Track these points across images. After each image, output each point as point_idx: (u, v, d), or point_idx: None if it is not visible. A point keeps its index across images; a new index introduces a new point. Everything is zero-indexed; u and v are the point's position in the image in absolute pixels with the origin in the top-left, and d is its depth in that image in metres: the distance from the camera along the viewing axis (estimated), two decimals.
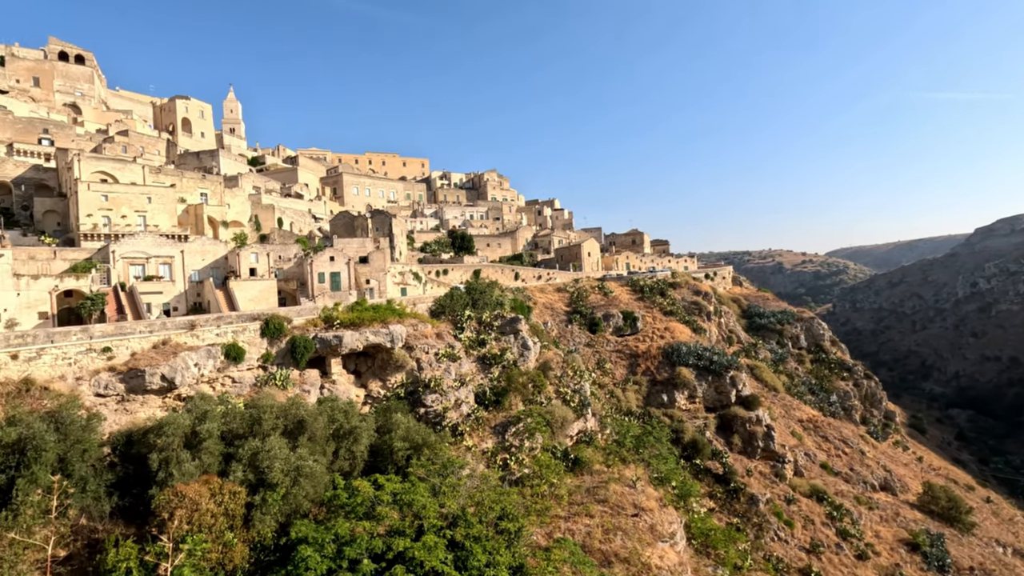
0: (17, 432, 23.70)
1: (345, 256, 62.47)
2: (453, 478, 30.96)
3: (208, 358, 36.57)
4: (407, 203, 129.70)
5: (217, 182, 75.12)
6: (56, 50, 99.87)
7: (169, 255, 54.96)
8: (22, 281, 45.79)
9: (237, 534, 24.20)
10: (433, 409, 42.96)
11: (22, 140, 72.80)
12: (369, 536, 24.45)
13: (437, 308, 54.90)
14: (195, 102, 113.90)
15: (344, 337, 42.52)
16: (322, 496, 28.03)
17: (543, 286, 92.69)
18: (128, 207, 60.92)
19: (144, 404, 33.28)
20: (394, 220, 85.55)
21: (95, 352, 33.36)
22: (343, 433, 32.30)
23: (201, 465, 26.32)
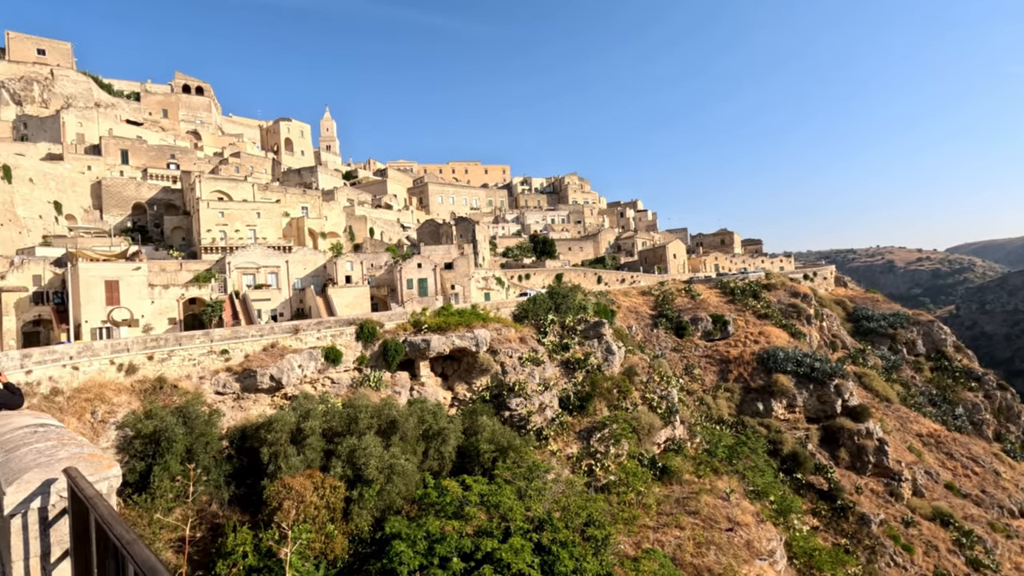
0: (153, 425, 26.72)
1: (431, 263, 64.73)
2: (539, 482, 31.05)
3: (310, 360, 39.25)
4: (489, 209, 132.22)
5: (316, 196, 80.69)
6: (180, 84, 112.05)
7: (276, 265, 59.67)
8: (155, 291, 51.64)
9: (337, 526, 25.73)
10: (517, 413, 43.34)
11: (154, 165, 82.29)
12: (458, 535, 25.08)
13: (520, 312, 55.40)
14: (296, 123, 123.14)
15: (432, 341, 44.02)
16: (413, 494, 29.14)
17: (627, 289, 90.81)
18: (240, 222, 66.93)
19: (256, 402, 36.31)
20: (477, 226, 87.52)
21: (215, 354, 36.88)
22: (432, 434, 33.41)
23: (305, 460, 28.27)
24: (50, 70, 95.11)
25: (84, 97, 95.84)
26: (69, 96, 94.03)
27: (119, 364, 33.01)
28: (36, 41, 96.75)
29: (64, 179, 71.31)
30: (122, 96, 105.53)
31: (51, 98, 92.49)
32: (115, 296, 48.11)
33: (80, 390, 30.19)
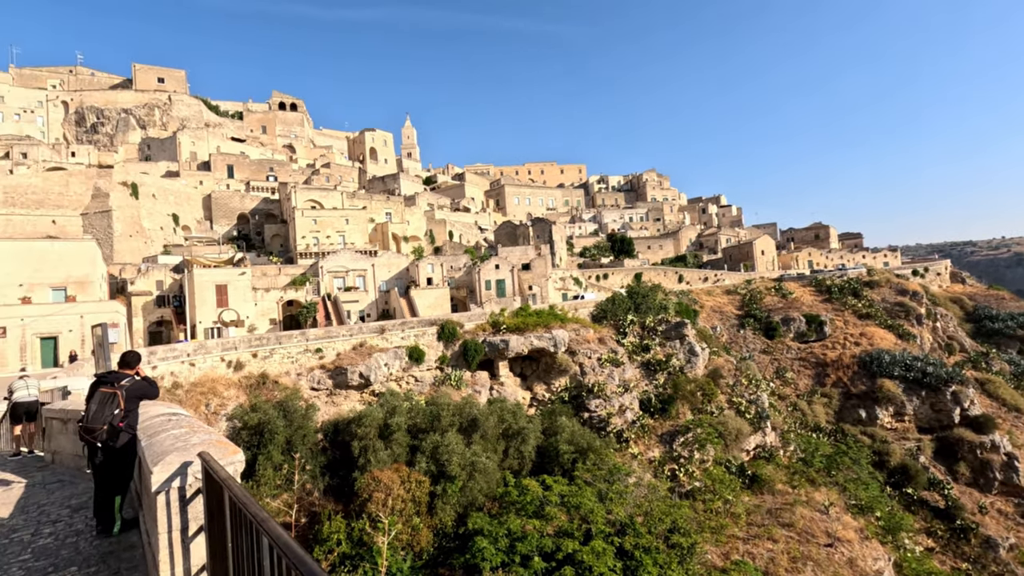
0: (257, 418, 28.99)
1: (509, 264, 65.46)
2: (620, 485, 30.52)
3: (395, 359, 40.97)
4: (565, 209, 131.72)
5: (398, 202, 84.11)
6: (277, 102, 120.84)
7: (363, 268, 62.85)
8: (258, 294, 56.02)
9: (423, 519, 26.65)
10: (597, 414, 42.84)
11: (255, 178, 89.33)
12: (539, 535, 25.17)
13: (598, 313, 54.73)
14: (379, 133, 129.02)
15: (510, 341, 44.51)
16: (494, 491, 29.60)
17: (710, 288, 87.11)
18: (331, 228, 71.11)
19: (347, 398, 38.42)
20: (553, 227, 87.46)
21: (310, 352, 39.43)
22: (511, 433, 33.77)
23: (392, 454, 29.53)
24: (168, 96, 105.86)
25: (196, 119, 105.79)
26: (183, 118, 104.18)
27: (228, 361, 36.13)
28: (156, 71, 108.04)
29: (180, 193, 79.11)
30: (227, 116, 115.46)
31: (169, 121, 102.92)
32: (224, 299, 52.71)
33: (196, 384, 33.33)
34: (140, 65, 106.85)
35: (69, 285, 47.25)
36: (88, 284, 48.31)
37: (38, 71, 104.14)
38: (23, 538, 6.77)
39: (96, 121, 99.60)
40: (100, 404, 6.24)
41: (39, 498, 8.71)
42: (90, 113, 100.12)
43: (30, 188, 68.01)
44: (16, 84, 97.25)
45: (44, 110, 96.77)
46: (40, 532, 6.91)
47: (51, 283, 46.55)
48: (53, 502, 8.36)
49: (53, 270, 46.90)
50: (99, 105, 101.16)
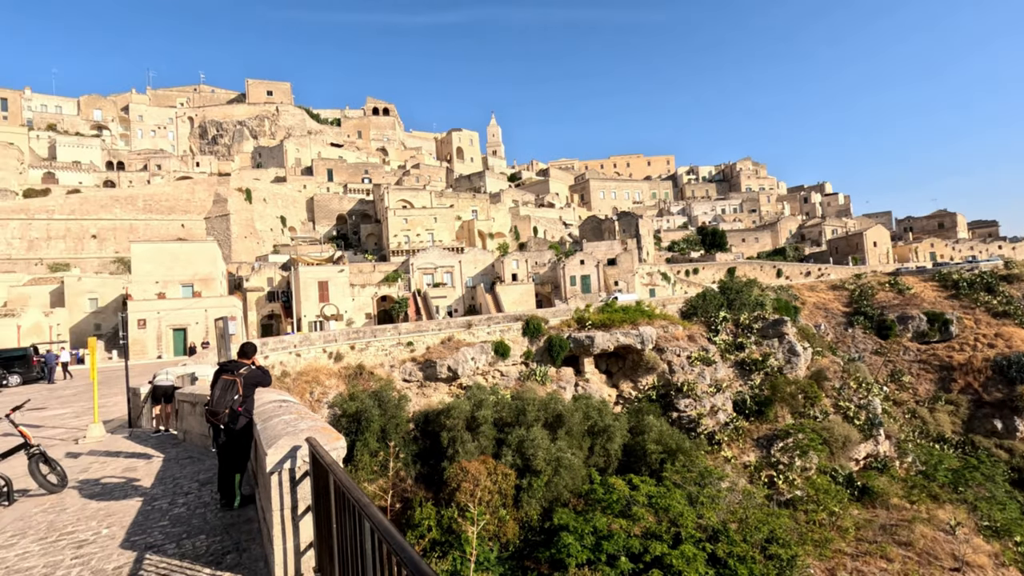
0: (355, 406, 30.80)
1: (594, 259, 64.66)
2: (712, 489, 29.25)
3: (481, 353, 41.87)
4: (653, 202, 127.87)
5: (484, 200, 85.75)
6: (371, 107, 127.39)
7: (450, 265, 64.79)
8: (355, 290, 59.48)
9: (509, 511, 27.07)
10: (686, 414, 41.30)
11: (352, 181, 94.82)
12: (626, 535, 24.73)
13: (688, 309, 52.66)
14: (465, 132, 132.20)
15: (595, 338, 43.98)
16: (579, 488, 29.44)
17: (813, 283, 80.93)
18: (420, 227, 73.94)
19: (436, 390, 39.84)
20: (640, 221, 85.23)
21: (402, 345, 41.27)
22: (597, 430, 33.39)
23: (479, 446, 30.23)
24: (275, 107, 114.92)
25: (300, 127, 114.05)
26: (289, 127, 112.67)
27: (329, 352, 38.69)
28: (266, 84, 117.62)
29: (287, 197, 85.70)
30: (326, 123, 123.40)
31: (276, 130, 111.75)
32: (325, 294, 56.49)
33: (302, 373, 36.01)
34: (252, 80, 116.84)
35: (195, 282, 52.77)
36: (211, 281, 53.69)
37: (168, 91, 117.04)
38: (162, 506, 7.66)
39: (216, 133, 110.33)
40: (222, 390, 6.90)
41: (173, 471, 9.81)
42: (211, 126, 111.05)
43: (163, 196, 76.66)
44: (151, 104, 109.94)
45: (174, 126, 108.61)
46: (175, 502, 7.79)
47: (181, 280, 52.23)
48: (184, 476, 9.38)
49: (183, 269, 52.59)
50: (218, 119, 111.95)
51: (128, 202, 74.38)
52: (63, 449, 12.52)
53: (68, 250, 68.90)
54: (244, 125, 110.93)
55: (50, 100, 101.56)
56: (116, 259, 67.59)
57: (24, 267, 64.60)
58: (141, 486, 8.93)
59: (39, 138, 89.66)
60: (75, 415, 18.80)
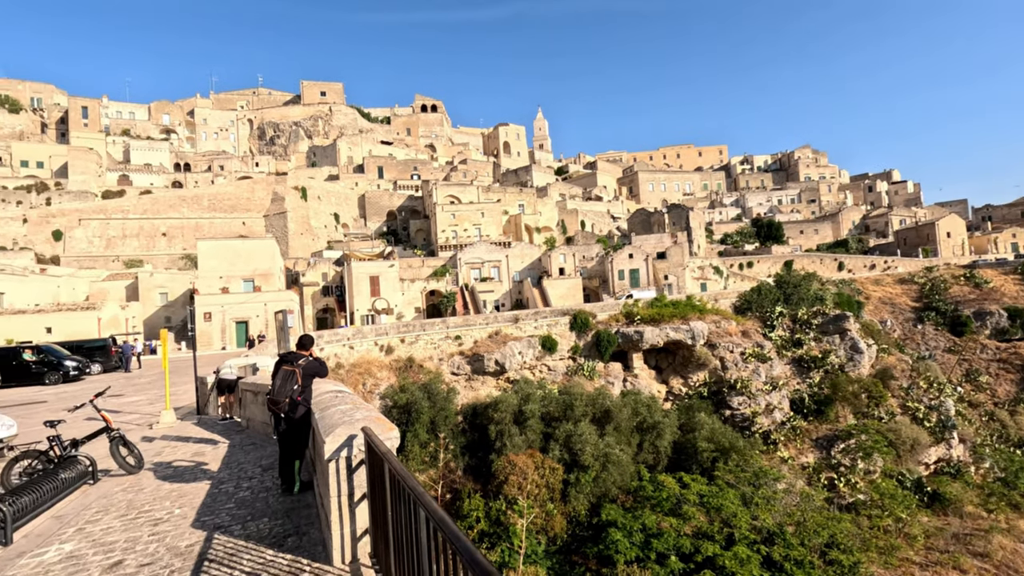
0: (406, 398, 31.50)
1: (643, 253, 63.50)
2: (767, 490, 28.30)
3: (528, 348, 41.96)
4: (704, 194, 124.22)
5: (531, 194, 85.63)
6: (419, 104, 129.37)
7: (497, 259, 65.13)
8: (404, 284, 60.75)
9: (556, 506, 27.08)
10: (740, 412, 40.06)
11: (401, 177, 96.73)
12: (676, 534, 24.28)
13: (742, 304, 50.97)
14: (512, 127, 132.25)
15: (644, 333, 43.25)
16: (628, 484, 29.09)
17: (878, 276, 76.60)
18: (468, 222, 74.63)
19: (483, 383, 40.24)
20: (691, 213, 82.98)
21: (450, 339, 41.88)
22: (646, 427, 32.88)
23: (527, 440, 30.34)
24: (328, 107, 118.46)
25: (351, 126, 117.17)
26: (341, 127, 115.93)
27: (380, 345, 39.73)
28: (319, 86, 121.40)
29: (340, 195, 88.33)
30: (377, 121, 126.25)
31: (330, 130, 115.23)
32: (376, 289, 57.98)
33: (355, 365, 37.14)
34: (306, 82, 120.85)
35: (256, 277, 55.25)
36: (270, 276, 56.08)
37: (229, 95, 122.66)
38: (228, 489, 8.08)
39: (273, 134, 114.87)
40: (283, 380, 7.19)
41: (238, 457, 10.33)
42: (268, 128, 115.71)
43: (226, 195, 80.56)
44: (214, 108, 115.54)
45: (235, 128, 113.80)
46: (240, 486, 8.20)
47: (243, 275, 54.81)
48: (248, 461, 9.86)
49: (244, 264, 55.16)
50: (275, 120, 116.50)
51: (194, 201, 78.60)
52: (139, 433, 13.40)
53: (141, 247, 73.55)
54: (299, 125, 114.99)
55: (124, 107, 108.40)
56: (184, 255, 71.64)
57: (103, 263, 69.44)
58: (209, 470, 9.45)
59: (115, 143, 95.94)
60: (149, 402, 20.10)
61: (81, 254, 70.18)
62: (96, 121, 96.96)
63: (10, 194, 73.17)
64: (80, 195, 75.95)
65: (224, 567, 5.26)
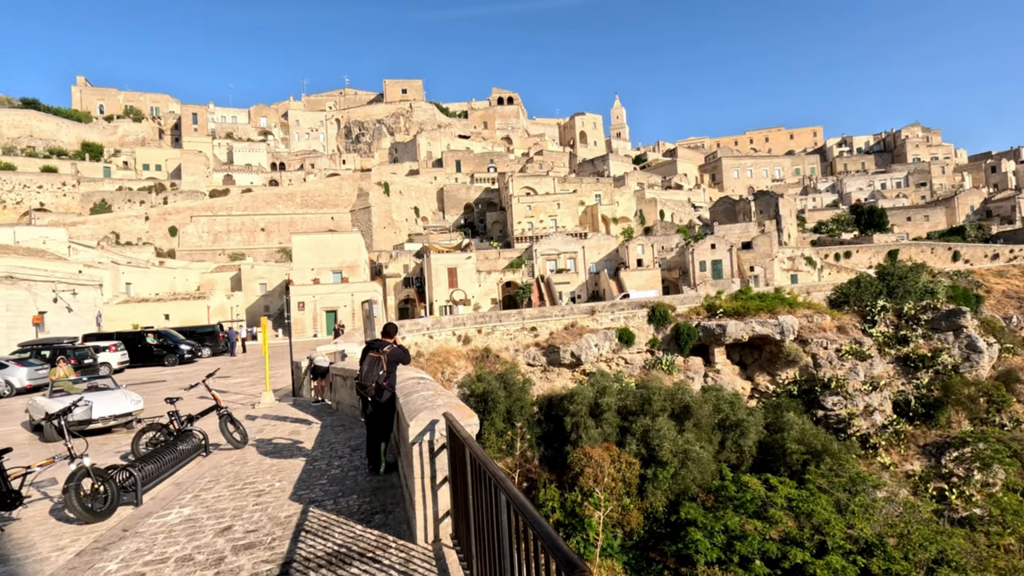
0: (482, 387, 32.16)
1: (726, 243, 60.65)
2: (865, 497, 26.31)
3: (605, 340, 41.43)
4: (796, 179, 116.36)
5: (607, 184, 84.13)
6: (496, 97, 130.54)
7: (573, 251, 64.68)
8: (481, 276, 61.84)
9: (633, 501, 26.66)
10: (834, 413, 37.41)
11: (478, 170, 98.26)
12: (761, 537, 23.16)
13: (837, 297, 47.41)
14: (588, 116, 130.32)
15: (727, 327, 41.39)
16: (709, 483, 28.07)
17: (1003, 268, 68.40)
18: (544, 213, 74.58)
19: (559, 375, 40.26)
20: (780, 200, 78.08)
21: (526, 330, 42.20)
22: (729, 424, 31.52)
23: (603, 433, 30.05)
24: (409, 104, 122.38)
25: (430, 122, 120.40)
26: (421, 123, 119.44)
27: (458, 335, 40.78)
28: (400, 83, 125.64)
29: (420, 189, 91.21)
30: (454, 116, 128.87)
31: (410, 126, 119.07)
32: (454, 280, 59.47)
33: (434, 354, 38.39)
34: (388, 80, 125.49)
35: (343, 269, 58.38)
36: (356, 268, 59.05)
37: (319, 96, 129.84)
38: (320, 467, 8.64)
39: (358, 132, 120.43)
40: (369, 366, 7.57)
41: (329, 437, 11.02)
42: (354, 126, 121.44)
43: (316, 192, 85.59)
44: (305, 109, 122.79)
45: (324, 128, 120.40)
46: (331, 464, 8.75)
47: (332, 267, 58.09)
48: (338, 441, 10.50)
49: (333, 257, 58.43)
50: (360, 119, 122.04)
51: (288, 198, 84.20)
52: (242, 412, 14.63)
53: (243, 242, 79.88)
54: (382, 123, 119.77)
55: (227, 112, 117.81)
56: (280, 249, 77.02)
57: (211, 256, 76.16)
58: (304, 448, 10.16)
59: (220, 145, 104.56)
60: (251, 383, 21.88)
61: (192, 248, 77.34)
62: (204, 126, 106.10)
63: (135, 195, 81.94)
64: (191, 194, 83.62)
65: (319, 538, 5.65)
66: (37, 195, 79.00)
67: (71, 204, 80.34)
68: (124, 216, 77.43)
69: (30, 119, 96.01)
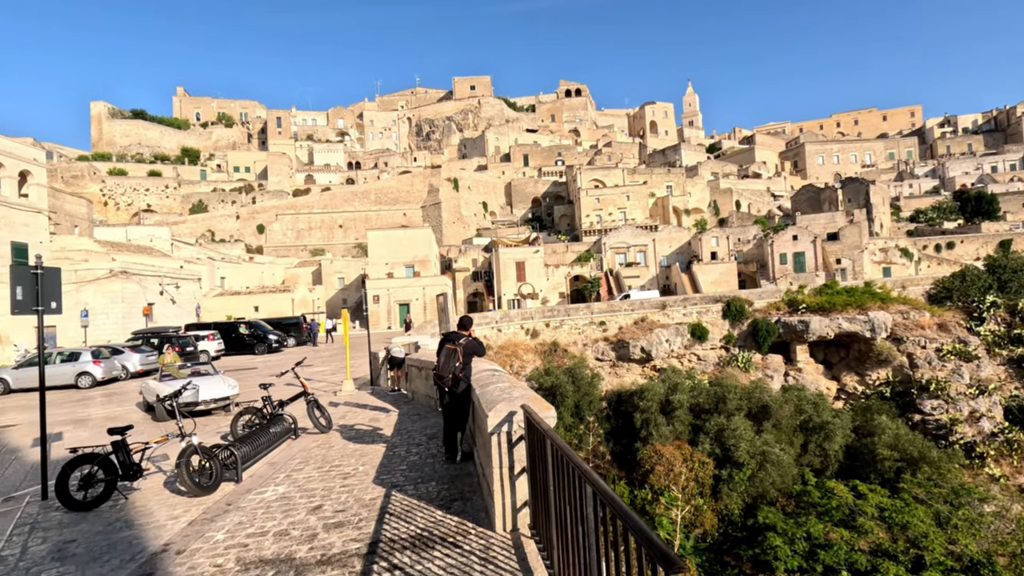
0: (551, 381, 32.19)
1: (810, 234, 57.11)
2: (969, 511, 24.08)
3: (676, 335, 40.27)
4: (889, 164, 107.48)
5: (679, 174, 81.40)
6: (563, 90, 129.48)
7: (643, 244, 63.23)
8: (548, 270, 61.77)
9: (706, 502, 25.84)
10: (933, 418, 34.43)
11: (546, 164, 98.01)
12: (848, 547, 21.77)
13: (938, 292, 43.50)
14: (659, 104, 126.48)
15: (811, 323, 39.03)
16: (789, 488, 26.72)
17: None
18: (612, 205, 73.35)
19: (628, 370, 39.58)
20: (871, 187, 72.41)
21: (594, 324, 41.78)
22: (812, 426, 29.79)
23: (674, 431, 29.28)
24: (477, 100, 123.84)
25: (498, 117, 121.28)
26: (489, 118, 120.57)
27: (526, 329, 41.00)
28: (469, 80, 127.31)
29: (488, 184, 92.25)
30: (522, 110, 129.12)
31: (478, 122, 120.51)
32: (522, 274, 59.78)
33: (503, 347, 38.83)
34: (457, 77, 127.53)
35: (415, 263, 60.18)
36: (427, 262, 60.70)
37: (391, 97, 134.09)
38: (400, 453, 9.00)
39: (429, 130, 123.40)
40: (446, 357, 7.79)
41: (406, 425, 11.44)
42: (424, 124, 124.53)
43: (389, 189, 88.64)
44: (379, 110, 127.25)
45: (396, 127, 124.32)
46: (410, 451, 9.09)
47: (404, 262, 60.03)
48: (415, 429, 10.88)
49: (405, 252, 60.37)
50: (430, 117, 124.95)
51: (364, 196, 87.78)
52: (325, 399, 15.48)
53: (323, 238, 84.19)
54: (451, 120, 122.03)
55: (308, 115, 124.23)
56: (356, 244, 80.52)
57: (294, 252, 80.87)
58: (383, 434, 10.62)
59: (301, 147, 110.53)
60: (331, 372, 23.09)
61: (278, 244, 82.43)
62: (287, 129, 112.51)
63: (227, 195, 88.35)
64: (276, 194, 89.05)
65: (402, 521, 5.90)
66: (144, 197, 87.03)
67: (173, 205, 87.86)
68: (218, 215, 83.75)
69: (138, 128, 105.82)
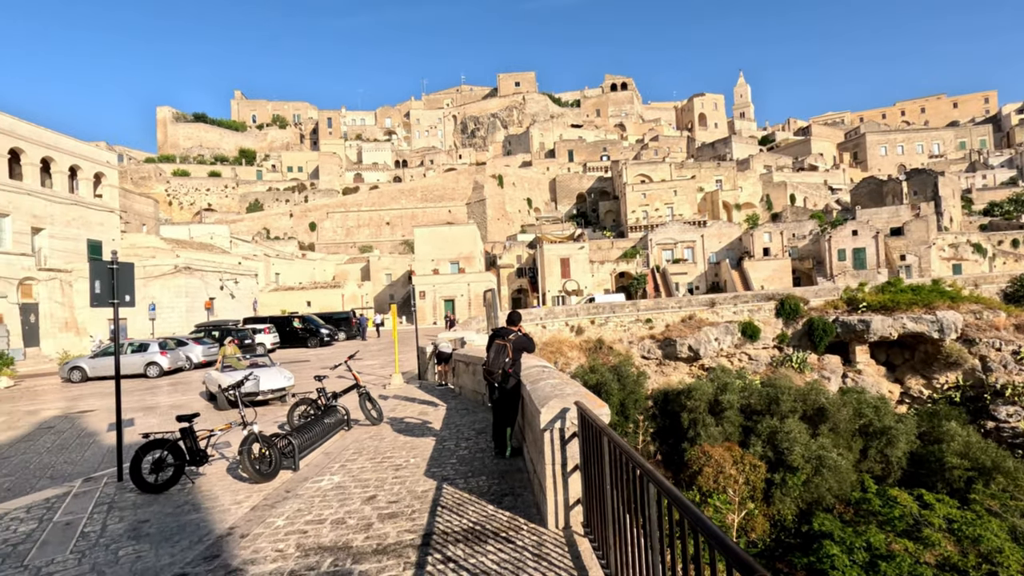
0: (596, 378, 31.89)
1: (871, 229, 54.29)
2: None
3: (726, 334, 39.13)
4: (960, 155, 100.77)
5: (729, 168, 78.90)
6: (608, 84, 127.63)
7: (691, 240, 61.70)
8: (593, 266, 61.17)
9: (758, 506, 25.02)
10: (1009, 426, 32.18)
11: (591, 159, 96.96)
12: (913, 560, 20.63)
13: (1016, 290, 40.59)
14: (709, 96, 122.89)
15: (872, 323, 37.14)
16: (847, 495, 25.55)
17: None
18: (659, 201, 71.89)
19: (675, 369, 38.78)
20: (940, 179, 68.08)
21: (640, 322, 41.12)
22: (873, 431, 28.37)
23: (723, 432, 28.47)
24: (522, 97, 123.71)
25: (543, 113, 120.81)
26: (534, 114, 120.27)
27: (571, 326, 40.76)
28: (513, 76, 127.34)
29: (532, 180, 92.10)
30: (567, 105, 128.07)
31: (523, 118, 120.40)
32: (567, 271, 59.46)
33: (547, 343, 38.74)
34: (502, 74, 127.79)
35: (460, 260, 60.79)
36: (472, 259, 61.21)
37: (437, 95, 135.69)
38: (449, 447, 9.11)
39: (474, 127, 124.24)
40: (495, 353, 7.81)
41: (455, 419, 11.57)
42: (469, 121, 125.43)
43: (435, 186, 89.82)
44: (425, 108, 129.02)
45: (442, 125, 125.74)
46: (459, 445, 9.19)
47: (449, 258, 60.73)
48: (463, 424, 10.99)
49: (450, 248, 61.05)
50: (475, 114, 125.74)
51: (410, 193, 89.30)
52: (375, 392, 15.83)
53: (371, 235, 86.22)
54: (496, 117, 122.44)
55: (357, 115, 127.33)
56: (403, 241, 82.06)
57: (344, 249, 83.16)
58: (432, 428, 10.78)
59: (350, 146, 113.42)
60: (380, 366, 23.63)
61: (328, 241, 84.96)
62: (337, 129, 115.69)
63: (281, 194, 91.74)
64: (327, 192, 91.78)
65: (454, 514, 5.96)
66: (205, 197, 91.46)
67: (231, 204, 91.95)
68: (273, 214, 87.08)
69: (200, 131, 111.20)
